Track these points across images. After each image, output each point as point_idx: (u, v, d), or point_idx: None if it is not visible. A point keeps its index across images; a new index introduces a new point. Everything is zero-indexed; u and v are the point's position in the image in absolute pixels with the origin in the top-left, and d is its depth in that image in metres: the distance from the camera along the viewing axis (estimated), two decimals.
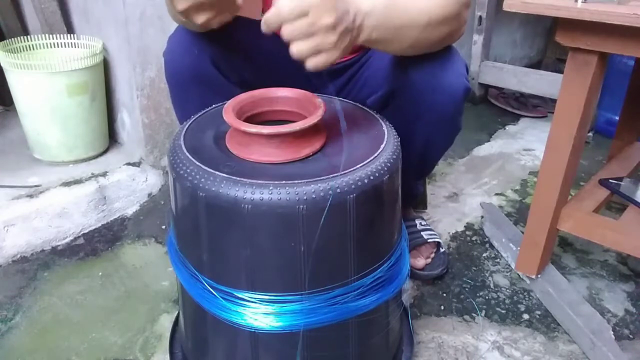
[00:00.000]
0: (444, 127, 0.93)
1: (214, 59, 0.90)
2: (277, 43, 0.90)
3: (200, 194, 0.65)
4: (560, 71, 1.03)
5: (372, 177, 0.67)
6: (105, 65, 1.42)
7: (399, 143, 0.76)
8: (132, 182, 1.38)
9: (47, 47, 1.41)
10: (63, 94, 1.31)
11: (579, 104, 0.92)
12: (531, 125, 2.05)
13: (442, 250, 1.18)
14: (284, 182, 0.63)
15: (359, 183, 0.65)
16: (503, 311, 1.07)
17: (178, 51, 0.90)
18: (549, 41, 2.76)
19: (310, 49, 0.64)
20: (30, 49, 1.40)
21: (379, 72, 0.96)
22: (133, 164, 1.43)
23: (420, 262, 1.13)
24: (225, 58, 0.91)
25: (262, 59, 1.00)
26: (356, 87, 1.05)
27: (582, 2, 0.80)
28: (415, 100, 0.88)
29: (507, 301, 1.10)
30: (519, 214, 1.42)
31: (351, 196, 0.64)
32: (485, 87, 2.22)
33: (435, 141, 0.96)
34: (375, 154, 0.70)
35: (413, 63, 0.86)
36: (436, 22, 0.76)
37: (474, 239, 1.31)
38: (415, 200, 1.26)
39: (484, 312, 1.07)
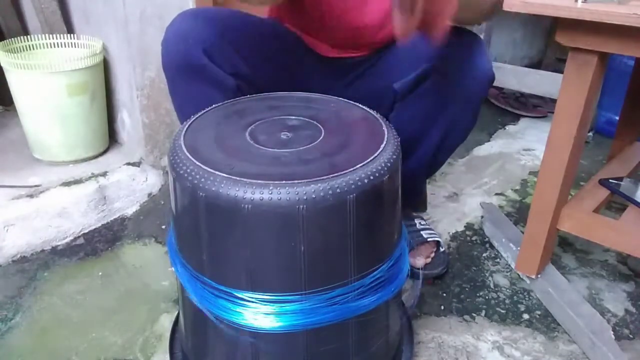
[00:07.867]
0: (466, 114, 0.97)
1: (205, 48, 0.91)
2: (279, 40, 0.89)
3: (200, 194, 0.65)
4: (560, 71, 1.03)
5: (372, 177, 0.66)
6: (105, 65, 1.42)
7: (399, 143, 0.76)
8: (132, 182, 1.38)
9: (47, 47, 1.41)
10: (63, 94, 1.31)
11: (579, 104, 0.92)
12: (531, 125, 2.05)
13: (442, 249, 1.18)
14: (284, 182, 0.63)
15: (359, 183, 0.65)
16: (503, 311, 1.07)
17: (173, 40, 0.92)
18: (549, 41, 2.76)
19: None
20: (30, 49, 1.40)
21: (410, 55, 0.98)
22: (133, 164, 1.43)
23: (420, 261, 1.13)
24: (218, 49, 0.93)
25: (261, 53, 1.00)
26: (372, 77, 1.08)
27: (582, 2, 0.80)
28: (446, 83, 0.92)
29: (507, 301, 1.10)
30: (519, 214, 1.42)
31: (351, 196, 0.64)
32: None
33: (453, 132, 0.99)
34: (375, 154, 0.70)
35: (448, 46, 0.88)
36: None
37: (474, 239, 1.31)
38: (420, 199, 1.26)
39: (484, 312, 1.07)
